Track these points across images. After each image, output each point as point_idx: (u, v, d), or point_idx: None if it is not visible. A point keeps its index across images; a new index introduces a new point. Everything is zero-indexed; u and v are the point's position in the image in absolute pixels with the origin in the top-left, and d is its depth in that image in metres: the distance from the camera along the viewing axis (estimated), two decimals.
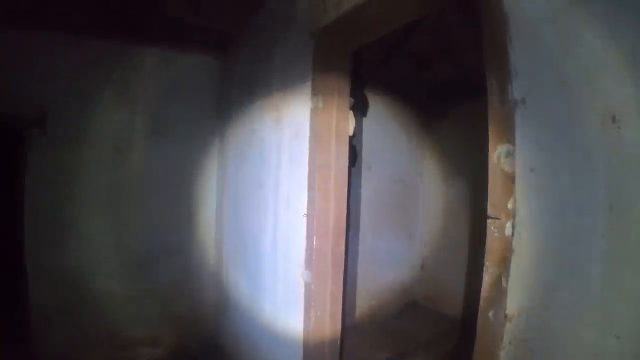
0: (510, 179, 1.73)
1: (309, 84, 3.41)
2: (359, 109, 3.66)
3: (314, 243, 3.36)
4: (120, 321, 5.38)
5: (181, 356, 5.66)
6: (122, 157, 5.36)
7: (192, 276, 5.84)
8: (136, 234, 5.49)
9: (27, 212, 4.98)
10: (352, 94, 3.52)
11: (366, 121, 5.93)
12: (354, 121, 3.55)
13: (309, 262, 3.39)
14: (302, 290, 3.46)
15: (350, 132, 3.50)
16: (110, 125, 5.29)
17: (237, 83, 5.35)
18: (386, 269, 6.83)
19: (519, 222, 1.72)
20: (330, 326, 3.42)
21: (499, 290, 1.76)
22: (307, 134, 3.41)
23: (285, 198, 3.84)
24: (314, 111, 3.34)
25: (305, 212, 3.43)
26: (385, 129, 6.47)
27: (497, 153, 1.79)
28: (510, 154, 1.74)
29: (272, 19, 4.43)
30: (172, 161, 5.66)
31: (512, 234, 1.72)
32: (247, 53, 5.09)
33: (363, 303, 6.52)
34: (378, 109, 6.18)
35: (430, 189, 7.19)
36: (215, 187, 5.95)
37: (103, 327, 5.29)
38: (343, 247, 3.50)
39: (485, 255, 1.84)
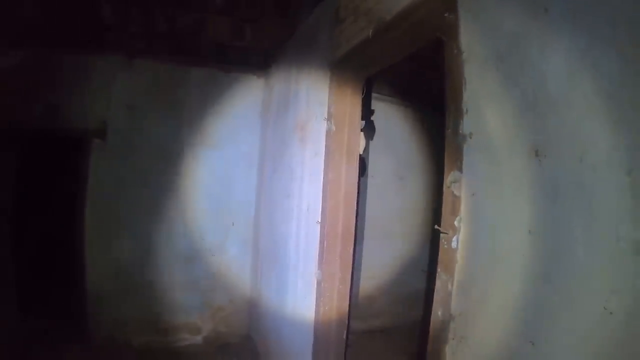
0: (458, 200, 1.94)
1: (325, 109, 3.65)
2: (370, 129, 3.87)
3: (325, 246, 3.59)
4: (164, 309, 5.70)
5: (217, 344, 5.93)
6: (171, 165, 5.69)
7: (230, 272, 6.10)
8: (182, 233, 5.80)
9: (87, 210, 5.34)
10: (364, 115, 3.75)
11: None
12: (364, 141, 3.76)
13: (320, 263, 3.63)
14: (315, 287, 3.69)
15: (361, 151, 3.72)
16: (161, 137, 5.63)
17: (275, 100, 5.62)
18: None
19: (462, 237, 1.92)
20: (336, 319, 3.65)
21: (446, 293, 1.97)
22: (323, 153, 3.65)
23: (306, 207, 4.09)
24: (328, 134, 3.61)
25: (319, 220, 3.66)
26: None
27: (449, 178, 2.00)
28: (457, 180, 1.94)
29: (300, 47, 4.74)
30: (216, 170, 5.97)
31: (457, 247, 1.93)
32: (283, 73, 5.35)
33: None
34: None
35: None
36: (254, 194, 6.19)
37: (148, 314, 5.62)
38: (351, 251, 3.71)
39: (438, 264, 2.05)
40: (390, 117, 6.51)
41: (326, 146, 3.63)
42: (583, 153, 1.43)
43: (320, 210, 3.68)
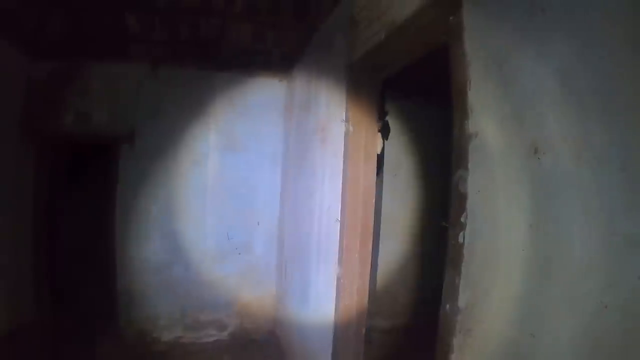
0: (464, 198, 1.97)
1: (343, 111, 3.71)
2: (386, 129, 3.92)
3: (344, 244, 3.65)
4: (192, 306, 5.83)
5: (243, 340, 6.02)
6: (198, 167, 5.83)
7: (256, 270, 6.21)
8: (209, 232, 5.91)
9: (118, 212, 5.49)
10: (380, 116, 3.79)
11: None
12: (382, 141, 3.81)
13: (340, 260, 3.68)
14: (335, 283, 3.75)
15: (378, 151, 3.76)
16: (188, 140, 5.78)
17: (297, 102, 5.70)
18: None
19: (468, 233, 1.96)
20: (356, 315, 3.69)
21: (453, 287, 2.00)
22: (342, 153, 3.72)
23: (327, 206, 4.16)
24: (346, 135, 3.67)
25: (338, 218, 3.71)
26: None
27: (456, 176, 2.03)
28: (464, 178, 1.98)
29: (318, 51, 4.83)
30: (242, 171, 6.08)
31: (463, 243, 1.96)
32: (303, 77, 5.44)
33: None
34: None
35: None
36: (279, 194, 6.27)
37: (177, 311, 5.76)
38: (370, 248, 3.76)
39: (446, 259, 2.09)
40: (411, 116, 6.52)
41: (345, 147, 3.70)
42: (579, 151, 1.46)
43: (340, 208, 3.74)
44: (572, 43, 1.51)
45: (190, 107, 5.87)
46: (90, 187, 7.94)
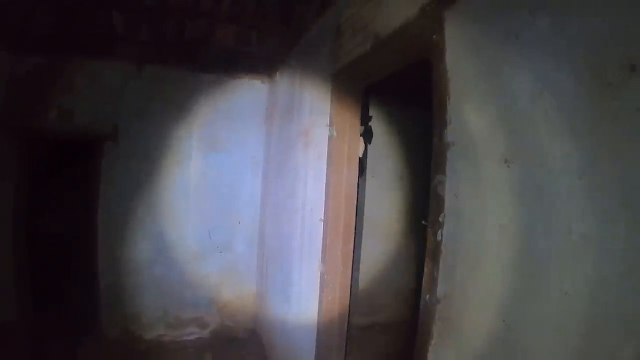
0: (442, 200, 2.25)
1: (327, 116, 3.97)
2: (368, 134, 4.19)
3: (327, 242, 3.91)
4: (174, 305, 6.01)
5: (224, 338, 6.23)
6: (181, 167, 6.01)
7: (238, 269, 6.41)
8: (192, 231, 6.10)
9: (100, 210, 5.65)
10: (363, 121, 4.06)
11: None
12: (364, 145, 4.07)
13: (323, 258, 3.94)
14: (318, 279, 4.00)
15: (360, 155, 4.03)
16: (171, 140, 5.95)
17: (280, 105, 5.92)
18: None
19: (445, 231, 2.23)
20: (338, 309, 3.95)
21: (432, 280, 2.28)
22: (325, 157, 3.97)
23: (310, 206, 4.40)
24: (330, 140, 3.93)
25: (322, 218, 3.97)
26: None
27: (435, 180, 2.31)
28: (442, 182, 2.25)
29: (303, 56, 5.07)
30: (224, 172, 6.28)
31: (441, 240, 2.24)
32: (287, 80, 5.66)
33: None
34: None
35: None
36: (259, 194, 6.49)
37: (159, 309, 5.93)
38: (351, 247, 4.03)
39: (425, 254, 2.36)
40: (391, 118, 6.75)
41: (328, 151, 3.95)
42: (543, 160, 1.74)
43: (323, 209, 4.00)
44: (542, 67, 1.79)
45: (174, 107, 6.02)
46: (73, 185, 8.03)
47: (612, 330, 1.46)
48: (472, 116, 2.16)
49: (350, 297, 4.07)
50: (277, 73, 6.10)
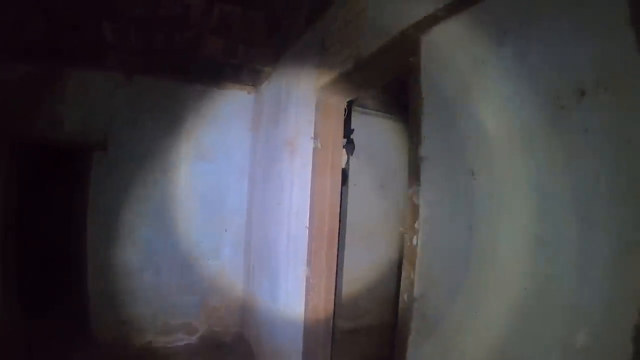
0: (417, 208, 2.53)
1: (312, 128, 4.23)
2: (351, 145, 4.47)
3: (312, 248, 4.18)
4: (163, 311, 6.19)
5: (212, 343, 6.42)
6: (169, 175, 6.20)
7: (225, 274, 6.61)
8: (179, 238, 6.30)
9: (90, 216, 5.81)
10: (346, 134, 4.33)
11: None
12: (346, 156, 4.34)
13: (309, 262, 4.20)
14: (304, 283, 4.26)
15: (343, 165, 4.30)
16: (159, 149, 6.14)
17: (266, 115, 6.15)
18: None
19: (420, 237, 2.51)
20: (324, 312, 4.21)
21: (410, 281, 2.55)
22: (310, 167, 4.24)
23: (295, 213, 4.65)
24: (314, 151, 4.20)
25: (307, 225, 4.23)
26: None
27: (410, 190, 2.59)
28: (417, 192, 2.53)
29: (289, 69, 5.30)
30: (211, 180, 6.49)
31: (417, 244, 2.51)
32: (273, 92, 5.90)
33: None
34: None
35: None
36: (245, 202, 6.73)
37: (148, 315, 6.10)
38: (335, 252, 4.30)
39: (403, 257, 2.64)
40: (374, 128, 6.99)
41: (313, 161, 4.23)
42: (504, 173, 2.03)
43: (308, 216, 4.25)
44: (505, 91, 2.08)
45: (162, 117, 6.23)
46: (63, 192, 8.17)
47: (565, 320, 1.73)
48: (444, 133, 2.45)
49: (335, 301, 4.32)
50: (264, 83, 6.36)
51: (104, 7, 4.77)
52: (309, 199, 4.25)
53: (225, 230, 6.62)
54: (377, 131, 7.03)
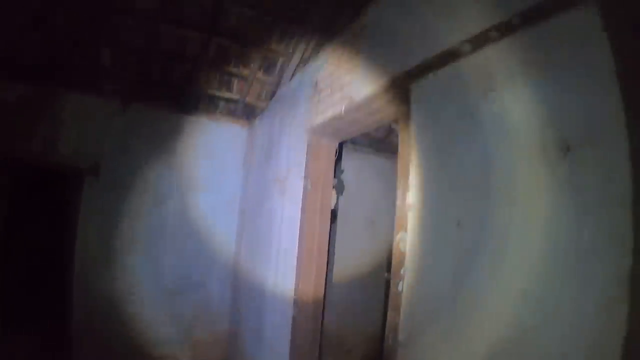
0: (403, 255, 2.58)
1: (303, 168, 4.31)
2: (340, 186, 4.53)
3: (299, 287, 4.22)
4: (147, 340, 6.12)
5: None
6: (160, 205, 6.21)
7: (211, 307, 6.58)
8: (168, 269, 6.28)
9: (79, 240, 5.79)
10: (336, 174, 4.40)
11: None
12: (335, 197, 4.40)
13: (296, 301, 4.24)
14: (290, 321, 4.28)
15: (332, 206, 4.36)
16: (151, 178, 6.16)
17: (258, 150, 6.23)
18: None
19: (406, 283, 2.56)
20: (309, 350, 4.23)
21: (394, 325, 2.59)
22: (300, 206, 4.31)
23: (284, 251, 4.69)
24: (304, 191, 4.29)
25: (295, 264, 4.26)
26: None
27: (397, 237, 2.64)
28: (404, 239, 2.58)
29: (282, 106, 5.42)
30: (201, 212, 6.49)
31: (402, 290, 2.55)
32: (266, 128, 6.00)
33: None
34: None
35: None
36: (234, 234, 6.73)
37: (132, 344, 6.03)
38: (322, 293, 4.35)
39: (389, 303, 2.67)
40: (365, 164, 7.04)
41: (303, 202, 4.30)
42: (489, 224, 2.09)
43: (297, 254, 4.29)
44: (491, 143, 2.16)
45: (155, 145, 6.25)
46: (53, 214, 8.16)
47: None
48: (431, 182, 2.51)
49: (321, 340, 4.33)
50: (257, 118, 6.45)
51: (104, 34, 4.82)
52: (297, 239, 4.30)
53: (214, 262, 6.60)
54: (368, 167, 7.07)
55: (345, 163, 6.00)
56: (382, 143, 6.86)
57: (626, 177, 1.56)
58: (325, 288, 4.38)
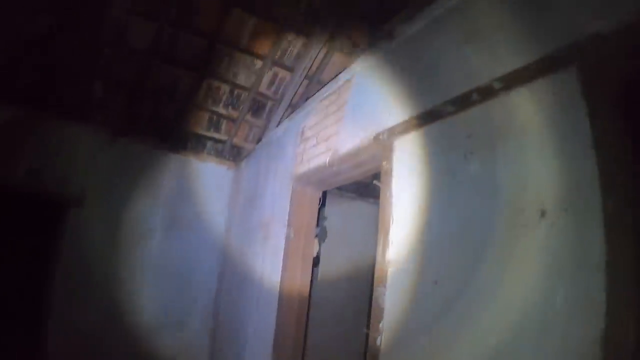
0: (382, 310, 2.61)
1: (286, 216, 4.36)
2: (323, 233, 4.58)
3: (280, 331, 4.21)
4: None
5: None
6: (143, 241, 6.16)
7: (191, 346, 6.48)
8: (147, 306, 6.20)
9: (58, 272, 5.71)
10: (319, 222, 4.44)
11: None
12: (318, 245, 4.43)
13: (275, 347, 4.21)
14: None
15: (314, 254, 4.39)
16: (135, 214, 6.12)
17: (243, 193, 6.27)
18: None
19: (384, 338, 2.58)
20: None
21: None
22: (282, 253, 4.34)
23: (265, 297, 4.68)
24: (287, 239, 4.32)
25: (275, 310, 4.26)
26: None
27: (376, 292, 2.68)
28: (382, 294, 2.61)
29: (269, 152, 5.49)
30: (184, 250, 6.45)
31: (380, 345, 2.58)
32: (252, 171, 6.05)
33: None
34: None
35: None
36: (216, 275, 6.69)
37: None
38: (302, 336, 4.36)
39: (367, 357, 2.70)
40: (349, 209, 7.08)
41: (285, 249, 4.33)
42: (465, 283, 2.14)
43: (278, 299, 4.30)
44: (471, 204, 2.23)
45: (141, 181, 6.24)
46: (32, 245, 8.05)
47: None
48: (411, 239, 2.57)
49: None
50: (244, 161, 6.50)
51: (98, 66, 4.91)
52: (278, 285, 4.31)
53: (195, 302, 6.55)
54: (353, 212, 7.11)
55: (330, 208, 6.04)
56: (368, 188, 6.92)
57: (600, 242, 1.62)
58: (305, 336, 4.37)
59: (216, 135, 6.17)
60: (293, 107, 5.03)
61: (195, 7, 4.46)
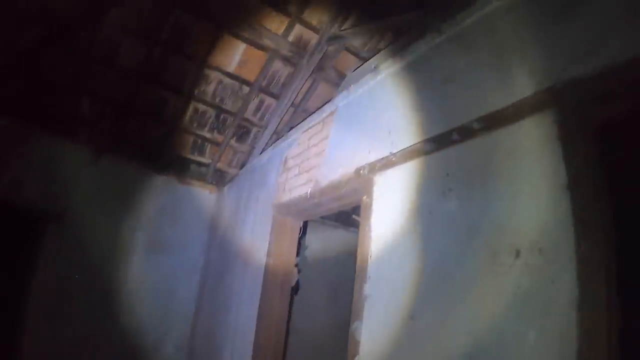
0: (358, 343, 2.64)
1: (266, 244, 4.38)
2: (303, 263, 4.60)
3: None
4: None
5: None
6: (121, 260, 6.09)
7: None
8: (123, 327, 6.11)
9: (34, 289, 5.60)
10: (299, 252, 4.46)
11: None
12: (297, 275, 4.44)
13: None
14: None
15: (293, 284, 4.40)
16: (116, 233, 6.06)
17: (225, 218, 6.27)
18: None
19: None
20: None
21: None
22: (261, 282, 4.35)
23: (242, 325, 4.66)
24: (266, 268, 4.33)
25: (252, 340, 4.24)
26: None
27: (353, 326, 2.70)
28: (359, 328, 2.64)
29: (251, 178, 5.53)
30: (163, 272, 6.35)
31: None
32: (235, 197, 6.06)
33: None
34: None
35: None
36: (194, 298, 6.64)
37: None
38: None
39: None
40: (330, 237, 7.09)
41: (264, 278, 4.33)
42: (439, 320, 2.18)
43: (255, 329, 4.28)
44: (448, 242, 2.28)
45: (123, 201, 6.20)
46: (9, 260, 7.91)
47: None
48: (387, 274, 2.60)
49: None
50: (227, 186, 6.52)
51: (86, 82, 4.92)
52: (256, 314, 4.30)
53: (171, 325, 6.49)
54: (334, 241, 7.12)
55: (311, 236, 6.06)
56: (349, 217, 6.95)
57: (572, 283, 1.67)
58: None
59: (200, 159, 6.18)
60: (278, 134, 5.09)
61: (187, 31, 4.50)
